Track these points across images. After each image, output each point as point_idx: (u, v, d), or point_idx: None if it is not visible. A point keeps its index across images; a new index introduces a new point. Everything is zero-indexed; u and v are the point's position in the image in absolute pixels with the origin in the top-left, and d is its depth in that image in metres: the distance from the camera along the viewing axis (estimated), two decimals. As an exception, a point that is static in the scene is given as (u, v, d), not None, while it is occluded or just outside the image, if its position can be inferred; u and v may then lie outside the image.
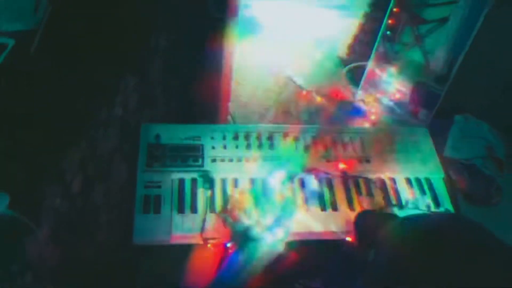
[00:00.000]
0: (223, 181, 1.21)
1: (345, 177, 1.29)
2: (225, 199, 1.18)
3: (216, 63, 1.65)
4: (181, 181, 1.19)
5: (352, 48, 2.75)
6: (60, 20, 1.04)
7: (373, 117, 2.57)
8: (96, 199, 1.16)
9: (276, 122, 2.22)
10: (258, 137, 1.29)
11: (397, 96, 2.79)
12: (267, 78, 2.61)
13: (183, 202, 1.15)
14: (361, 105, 2.61)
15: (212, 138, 1.27)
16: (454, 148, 2.25)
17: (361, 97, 2.65)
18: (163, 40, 1.48)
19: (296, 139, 1.32)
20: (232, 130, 1.29)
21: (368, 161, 1.32)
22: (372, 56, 2.53)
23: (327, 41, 2.82)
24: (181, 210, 1.14)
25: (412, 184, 1.31)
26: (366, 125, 1.77)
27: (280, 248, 1.09)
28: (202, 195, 1.17)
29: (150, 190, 1.15)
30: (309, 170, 1.27)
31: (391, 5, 2.26)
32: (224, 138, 1.27)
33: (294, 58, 2.70)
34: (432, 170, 1.34)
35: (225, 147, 1.26)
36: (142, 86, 1.37)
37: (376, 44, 2.48)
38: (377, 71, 2.83)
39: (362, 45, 2.68)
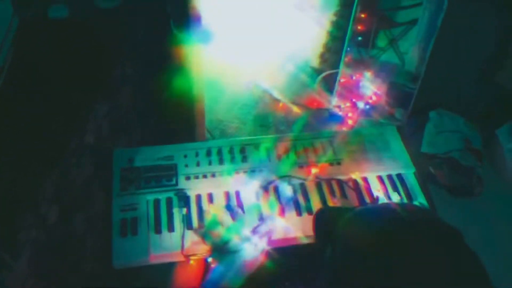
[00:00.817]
0: (198, 197, 1.24)
1: (318, 181, 1.31)
2: (202, 215, 1.20)
3: (185, 83, 1.69)
4: (156, 202, 1.21)
5: (323, 57, 2.82)
6: (28, 53, 1.07)
7: (350, 122, 2.62)
8: (75, 228, 1.18)
9: (255, 135, 2.25)
10: (231, 151, 1.32)
11: (374, 99, 2.86)
12: (242, 93, 2.65)
13: (160, 222, 1.17)
14: (337, 111, 2.66)
15: (185, 156, 1.30)
16: (431, 143, 2.30)
17: (336, 103, 2.71)
18: (129, 67, 1.52)
19: (268, 149, 1.35)
20: (204, 146, 1.32)
21: (339, 163, 1.35)
22: (341, 63, 2.59)
23: (298, 53, 2.88)
24: (158, 230, 1.16)
25: (384, 181, 1.34)
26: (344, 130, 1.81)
27: (260, 256, 1.11)
28: (178, 213, 1.19)
29: (126, 213, 1.16)
30: (283, 177, 1.29)
31: (353, 13, 2.33)
32: (196, 155, 1.30)
33: (267, 72, 2.75)
34: (402, 166, 1.38)
35: (198, 164, 1.28)
36: (114, 112, 1.41)
37: (344, 51, 2.54)
38: (353, 77, 2.90)
39: (332, 53, 2.74)
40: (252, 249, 1.09)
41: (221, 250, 1.09)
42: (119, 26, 1.51)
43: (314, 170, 1.33)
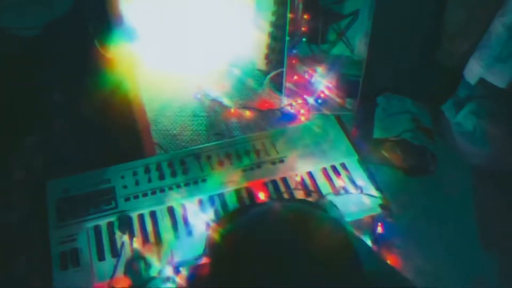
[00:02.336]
0: (141, 217, 1.20)
1: (263, 183, 1.30)
2: (145, 235, 1.16)
3: (122, 101, 1.66)
4: (97, 228, 1.17)
5: (267, 58, 2.82)
6: None
7: (303, 118, 2.63)
8: (17, 271, 1.12)
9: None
10: (170, 165, 1.29)
11: (326, 92, 2.88)
12: (191, 104, 2.62)
13: (102, 249, 1.13)
14: (289, 109, 2.67)
15: (123, 177, 1.26)
16: (381, 128, 2.33)
17: (287, 102, 2.71)
18: (60, 94, 1.47)
19: (209, 158, 1.33)
20: (141, 164, 1.29)
21: (282, 161, 1.34)
22: (285, 62, 2.60)
23: (242, 56, 2.87)
24: (101, 258, 1.12)
25: (328, 172, 1.34)
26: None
27: None
28: (119, 237, 1.15)
29: (66, 245, 1.12)
30: (228, 185, 1.27)
31: (288, 11, 2.35)
32: (134, 174, 1.27)
33: (214, 79, 2.74)
34: (345, 154, 1.38)
35: (137, 183, 1.25)
36: (47, 143, 1.35)
37: (285, 51, 2.55)
38: (306, 74, 2.92)
39: (276, 54, 2.75)
40: None
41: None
42: (43, 54, 1.47)
43: (258, 172, 1.31)
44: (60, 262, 1.09)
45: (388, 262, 1.15)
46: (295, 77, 2.87)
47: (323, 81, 2.87)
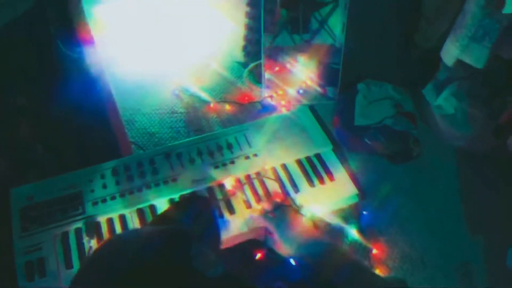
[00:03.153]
0: (110, 221, 1.16)
1: (237, 179, 1.26)
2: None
3: (93, 101, 1.61)
4: (64, 235, 1.13)
5: (245, 49, 2.77)
6: None
7: (284, 110, 2.59)
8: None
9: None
10: (139, 166, 1.25)
11: (308, 82, 2.85)
12: (170, 101, 2.57)
13: (70, 256, 1.09)
14: (270, 101, 2.63)
15: (90, 181, 1.22)
16: (362, 115, 2.29)
17: (268, 94, 2.67)
18: (23, 97, 1.42)
19: (179, 156, 1.29)
20: (109, 167, 1.24)
21: (256, 155, 1.31)
22: (262, 53, 2.56)
23: (219, 49, 2.82)
24: (69, 266, 1.08)
25: (304, 164, 1.31)
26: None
27: None
28: (87, 242, 1.11)
29: (31, 254, 1.08)
30: (199, 183, 1.24)
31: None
32: (102, 177, 1.22)
33: (192, 74, 2.68)
34: (320, 145, 1.35)
35: (105, 186, 1.21)
36: (10, 148, 1.30)
37: (262, 41, 2.50)
38: (287, 64, 2.88)
39: (254, 45, 2.70)
40: None
41: None
42: (4, 56, 1.41)
43: (231, 167, 1.28)
44: (25, 273, 1.05)
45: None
46: (276, 68, 2.83)
47: (305, 71, 2.83)
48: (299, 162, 1.31)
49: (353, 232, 2.03)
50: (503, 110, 1.81)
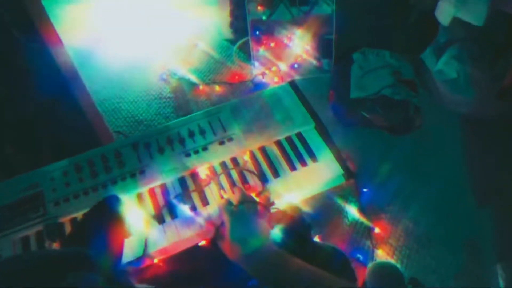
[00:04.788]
0: (74, 222, 1.07)
1: (211, 166, 1.16)
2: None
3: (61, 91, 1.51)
4: (24, 240, 1.04)
5: (232, 26, 2.64)
6: None
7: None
8: None
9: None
10: (103, 159, 1.16)
11: (304, 56, 2.71)
12: (157, 87, 2.47)
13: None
14: (261, 79, 2.51)
15: (52, 179, 1.13)
16: (358, 87, 2.16)
17: (260, 71, 2.55)
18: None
19: (147, 146, 1.19)
20: (72, 163, 1.15)
21: (231, 139, 1.20)
22: (248, 28, 2.42)
23: (205, 27, 2.69)
24: (29, 273, 0.99)
25: (283, 145, 1.20)
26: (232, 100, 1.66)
27: None
28: (49, 246, 1.03)
29: (-11, 263, 0.99)
30: (169, 174, 1.14)
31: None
32: (65, 174, 1.13)
33: (178, 57, 2.57)
34: (301, 123, 1.23)
35: (67, 184, 1.11)
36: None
37: (247, 15, 2.36)
38: (285, 39, 2.75)
39: (241, 21, 2.56)
40: None
41: None
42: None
43: (203, 154, 1.17)
44: (-18, 283, 0.97)
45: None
46: (272, 44, 2.70)
47: (301, 45, 2.70)
48: (278, 143, 1.20)
49: (353, 211, 1.93)
50: (507, 71, 1.65)
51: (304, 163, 1.16)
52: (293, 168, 1.16)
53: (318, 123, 1.23)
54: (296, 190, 1.12)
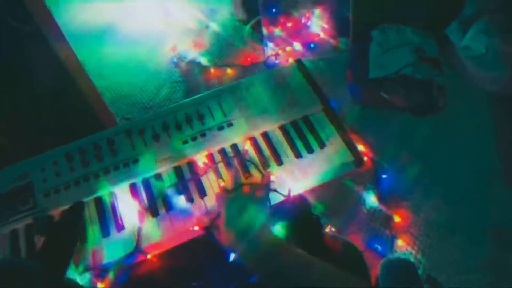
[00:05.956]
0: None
1: (209, 154, 1.08)
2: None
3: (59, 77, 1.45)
4: (14, 233, 0.99)
5: (245, 5, 2.52)
6: None
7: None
8: None
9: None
10: (95, 147, 1.09)
11: (321, 35, 2.59)
12: (166, 71, 2.40)
13: (20, 256, 0.96)
14: (274, 60, 2.40)
15: (43, 169, 1.07)
16: (378, 66, 2.03)
17: (273, 52, 2.44)
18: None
19: (142, 132, 1.11)
20: (63, 152, 1.09)
21: (231, 124, 1.11)
22: (260, 6, 2.31)
23: (217, 8, 2.59)
24: (17, 268, 0.94)
25: (288, 131, 1.10)
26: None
27: None
28: (38, 240, 0.97)
29: (-24, 258, 0.95)
30: (165, 163, 1.06)
31: None
32: (55, 164, 1.07)
33: (190, 40, 2.48)
34: (307, 106, 1.13)
35: (58, 174, 1.05)
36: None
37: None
38: (302, 18, 2.63)
39: (253, -1, 2.44)
40: None
41: None
42: None
43: (203, 140, 1.09)
44: (-31, 279, 0.93)
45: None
46: (289, 24, 2.59)
47: (319, 23, 2.58)
48: (282, 128, 1.10)
49: (371, 199, 1.82)
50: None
51: (310, 150, 1.06)
52: (298, 155, 1.06)
53: (326, 105, 1.12)
54: (302, 179, 1.03)
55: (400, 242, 1.67)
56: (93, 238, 0.97)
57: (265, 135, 1.10)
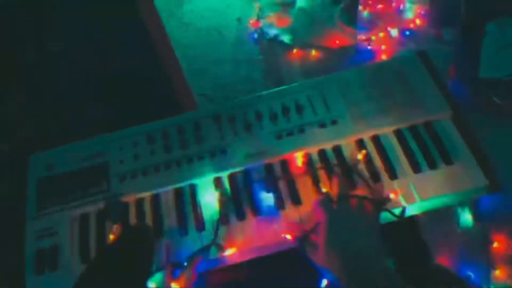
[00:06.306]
0: (140, 203, 0.90)
1: (306, 154, 0.92)
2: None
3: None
4: (84, 218, 0.90)
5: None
6: None
7: (383, 56, 2.14)
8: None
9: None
10: (180, 132, 0.96)
11: (417, 22, 2.35)
12: (245, 47, 2.25)
13: (88, 247, 0.86)
14: (366, 46, 2.18)
15: (121, 149, 0.96)
16: (491, 65, 1.77)
17: (365, 36, 2.22)
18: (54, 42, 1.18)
19: (232, 120, 0.97)
20: (143, 131, 0.97)
21: (335, 122, 0.94)
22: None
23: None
24: (85, 259, 0.85)
25: (405, 137, 0.91)
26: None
27: None
28: (110, 229, 0.87)
29: (44, 241, 0.87)
30: (255, 158, 0.92)
31: None
32: (135, 145, 0.96)
33: (272, 14, 2.31)
34: (432, 109, 0.93)
35: (136, 157, 0.94)
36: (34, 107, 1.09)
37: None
38: (393, 1, 2.41)
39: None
40: None
41: None
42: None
43: (298, 137, 0.93)
44: (35, 264, 0.84)
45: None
46: (379, 6, 2.36)
47: (414, 8, 2.34)
48: (398, 133, 0.91)
49: (467, 217, 1.59)
50: None
51: (433, 165, 0.87)
52: (417, 169, 0.87)
53: (457, 111, 0.92)
54: (419, 199, 0.84)
55: (498, 273, 1.44)
56: (168, 234, 0.85)
57: (376, 139, 0.92)
